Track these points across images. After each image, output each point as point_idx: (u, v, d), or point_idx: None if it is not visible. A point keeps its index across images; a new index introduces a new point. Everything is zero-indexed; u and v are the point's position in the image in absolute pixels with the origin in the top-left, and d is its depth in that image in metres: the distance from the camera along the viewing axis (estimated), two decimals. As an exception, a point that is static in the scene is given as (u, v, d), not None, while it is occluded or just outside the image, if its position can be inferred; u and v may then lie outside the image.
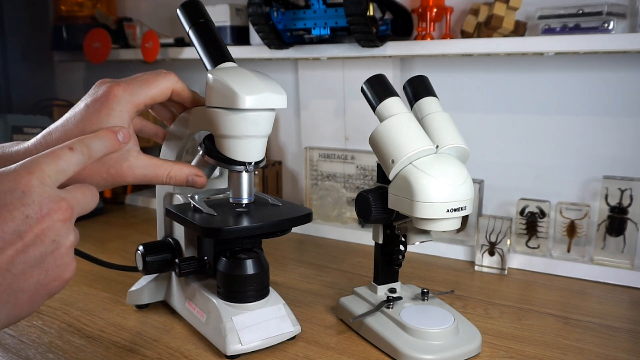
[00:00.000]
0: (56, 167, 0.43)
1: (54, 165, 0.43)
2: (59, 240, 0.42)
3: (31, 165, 0.42)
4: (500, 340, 0.69)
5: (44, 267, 0.41)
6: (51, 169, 0.43)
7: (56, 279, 0.42)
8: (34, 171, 0.41)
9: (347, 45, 1.02)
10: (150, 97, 0.58)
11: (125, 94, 0.55)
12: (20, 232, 0.40)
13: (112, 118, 0.54)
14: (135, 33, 1.33)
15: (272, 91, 0.58)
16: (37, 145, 0.55)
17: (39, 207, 0.41)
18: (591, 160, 0.96)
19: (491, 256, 0.92)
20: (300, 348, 0.66)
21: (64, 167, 0.44)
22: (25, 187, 0.40)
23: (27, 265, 0.40)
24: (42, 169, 0.42)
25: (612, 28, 0.84)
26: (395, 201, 0.62)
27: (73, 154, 0.45)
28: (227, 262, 0.65)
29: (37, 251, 0.40)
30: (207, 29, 0.65)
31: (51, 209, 0.41)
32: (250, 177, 0.64)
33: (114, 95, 0.55)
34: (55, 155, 0.44)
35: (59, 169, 0.43)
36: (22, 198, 0.40)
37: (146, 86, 0.57)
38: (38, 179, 0.41)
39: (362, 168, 1.09)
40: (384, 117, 0.63)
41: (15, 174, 0.41)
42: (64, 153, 0.44)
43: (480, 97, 1.04)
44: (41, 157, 0.43)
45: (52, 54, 1.55)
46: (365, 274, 0.91)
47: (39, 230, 0.40)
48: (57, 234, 0.42)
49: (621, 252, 0.88)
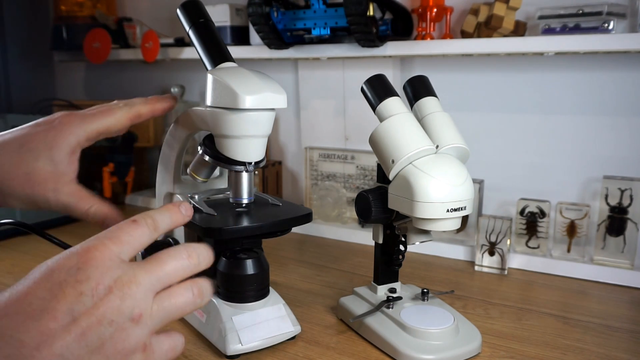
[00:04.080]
0: (119, 241, 0.40)
1: (116, 239, 0.40)
2: (121, 321, 0.37)
3: (93, 241, 0.39)
4: (500, 340, 0.69)
5: (102, 354, 0.36)
6: (114, 242, 0.40)
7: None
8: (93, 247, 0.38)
9: (347, 45, 1.02)
10: (105, 126, 0.57)
11: (77, 120, 0.55)
12: (74, 312, 0.35)
13: (58, 140, 0.54)
14: (135, 33, 1.33)
15: (272, 91, 0.58)
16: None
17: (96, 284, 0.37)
18: (591, 160, 0.96)
19: (491, 256, 0.92)
20: (300, 348, 0.66)
21: (127, 240, 0.40)
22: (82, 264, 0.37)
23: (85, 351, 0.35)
24: (105, 243, 0.39)
25: (612, 28, 0.84)
26: (395, 201, 0.62)
27: (137, 227, 0.42)
28: (227, 262, 0.65)
29: (94, 335, 0.36)
30: (207, 29, 0.65)
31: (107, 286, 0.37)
32: (250, 177, 0.64)
33: (66, 121, 0.55)
34: (119, 229, 0.41)
35: (123, 242, 0.40)
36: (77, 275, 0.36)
37: (101, 116, 0.57)
38: (99, 254, 0.38)
39: (362, 168, 1.09)
40: (384, 117, 0.63)
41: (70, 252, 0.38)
42: (128, 226, 0.42)
43: (480, 97, 1.04)
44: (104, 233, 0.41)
45: (52, 54, 1.55)
46: (365, 274, 0.91)
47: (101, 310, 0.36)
48: (116, 314, 0.37)
49: (621, 252, 0.88)
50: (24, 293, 0.35)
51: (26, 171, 0.53)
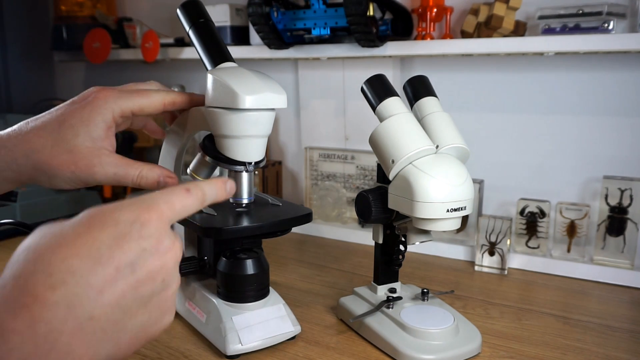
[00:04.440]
0: (172, 207, 0.41)
1: (170, 205, 0.41)
2: (169, 281, 0.39)
3: (151, 200, 0.40)
4: (500, 340, 0.69)
5: (147, 309, 0.38)
6: (169, 207, 0.41)
7: (156, 323, 0.40)
8: (153, 207, 0.40)
9: (347, 45, 1.02)
10: (139, 106, 0.57)
11: (114, 96, 0.56)
12: (135, 265, 0.37)
13: (94, 115, 0.54)
14: (135, 33, 1.33)
15: (272, 91, 0.58)
16: (11, 133, 0.54)
17: (157, 242, 0.38)
18: (591, 160, 0.96)
19: (491, 256, 0.92)
20: (300, 348, 0.66)
21: (179, 209, 0.42)
22: (145, 220, 0.38)
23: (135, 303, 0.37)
24: (161, 206, 0.40)
25: (612, 28, 0.84)
26: (395, 201, 0.62)
27: (189, 196, 0.43)
28: (227, 262, 0.65)
29: (146, 289, 0.38)
30: (207, 29, 0.65)
31: (167, 247, 0.39)
32: (250, 177, 0.64)
33: (102, 96, 0.55)
34: (173, 194, 0.42)
35: (175, 209, 0.42)
36: (140, 230, 0.38)
37: (137, 95, 0.57)
38: (157, 214, 0.39)
39: (362, 168, 1.09)
40: (384, 117, 0.63)
41: (134, 206, 0.39)
42: (182, 194, 0.43)
43: (480, 97, 1.04)
44: (159, 194, 0.41)
45: (52, 54, 1.55)
46: (365, 274, 0.91)
47: (152, 267, 0.38)
48: (168, 274, 0.39)
49: (621, 252, 0.88)
50: (92, 237, 0.36)
51: (68, 149, 0.54)
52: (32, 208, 1.08)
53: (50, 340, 0.31)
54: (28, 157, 0.54)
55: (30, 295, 0.32)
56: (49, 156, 0.53)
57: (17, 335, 0.30)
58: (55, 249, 0.35)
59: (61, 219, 0.39)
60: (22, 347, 0.30)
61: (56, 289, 0.33)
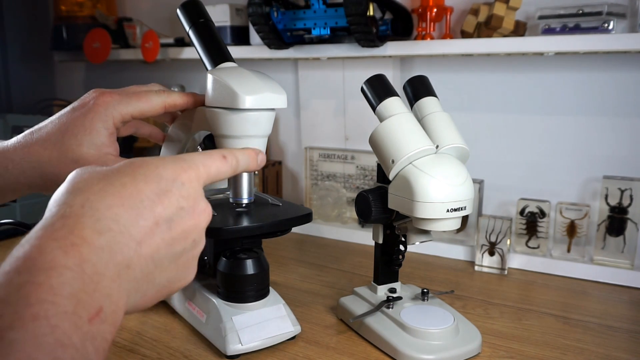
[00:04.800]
0: (209, 171, 0.43)
1: (207, 168, 0.42)
2: (198, 241, 0.41)
3: (191, 161, 0.41)
4: (500, 340, 0.69)
5: (176, 265, 0.40)
6: (205, 170, 0.42)
7: (180, 279, 0.41)
8: (193, 168, 0.41)
9: (347, 45, 1.02)
10: (139, 110, 0.58)
11: (114, 102, 0.56)
12: (172, 222, 0.38)
13: (95, 123, 0.54)
14: (135, 33, 1.33)
15: (272, 91, 0.58)
16: (17, 145, 0.55)
17: (194, 202, 0.40)
18: (591, 160, 0.96)
19: (491, 256, 0.92)
20: (300, 348, 0.66)
21: (214, 173, 0.43)
22: (186, 180, 0.40)
23: (167, 258, 0.39)
24: (199, 168, 0.42)
25: (612, 28, 0.84)
26: (395, 201, 0.62)
27: (224, 163, 0.45)
28: (227, 262, 0.65)
29: (179, 246, 0.39)
30: (207, 29, 0.65)
31: (202, 208, 0.41)
32: (250, 177, 0.64)
33: (102, 102, 0.55)
34: (211, 158, 0.43)
35: (210, 173, 0.43)
36: (180, 189, 0.39)
37: (137, 99, 0.57)
38: (196, 175, 0.41)
39: (362, 168, 1.09)
40: (384, 117, 0.63)
41: (176, 165, 0.40)
42: (219, 159, 0.44)
43: (480, 97, 1.04)
44: (198, 156, 0.43)
45: (52, 54, 1.55)
46: (365, 274, 0.91)
47: (187, 226, 0.39)
48: (199, 234, 0.41)
49: (621, 252, 0.88)
50: (137, 189, 0.37)
51: (74, 159, 0.54)
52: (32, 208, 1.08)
53: (95, 281, 0.32)
54: (35, 169, 0.54)
55: (79, 236, 0.33)
56: (56, 167, 0.54)
57: (69, 271, 0.31)
58: (103, 196, 0.36)
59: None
60: (72, 282, 0.31)
61: (102, 234, 0.34)
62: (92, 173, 0.38)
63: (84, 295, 0.31)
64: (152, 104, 0.58)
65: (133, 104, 0.57)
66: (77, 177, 0.38)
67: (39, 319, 0.28)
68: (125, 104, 0.56)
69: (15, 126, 1.31)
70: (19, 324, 0.28)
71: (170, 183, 0.39)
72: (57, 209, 0.35)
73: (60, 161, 0.54)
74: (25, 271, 0.30)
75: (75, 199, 0.35)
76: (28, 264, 0.30)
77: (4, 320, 0.28)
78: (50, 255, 0.31)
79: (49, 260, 0.31)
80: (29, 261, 0.31)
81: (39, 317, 0.28)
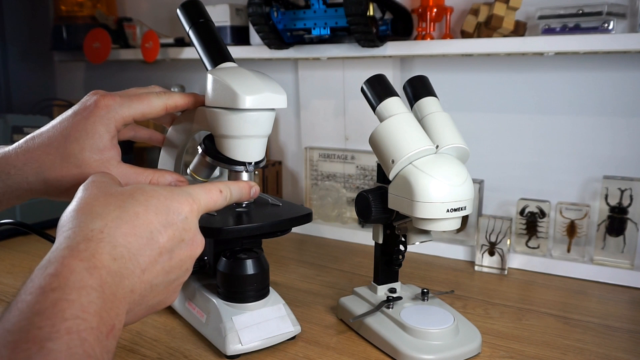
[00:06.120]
0: (207, 205, 0.47)
1: (206, 202, 0.47)
2: (189, 269, 0.45)
3: (195, 195, 0.45)
4: (500, 340, 0.69)
5: (167, 290, 0.43)
6: (205, 205, 0.46)
7: (166, 302, 0.45)
8: (196, 202, 0.45)
9: (347, 45, 1.02)
10: (140, 112, 0.57)
11: (115, 104, 0.55)
12: (173, 252, 0.42)
13: (97, 127, 0.54)
14: (135, 33, 1.33)
15: (272, 91, 0.58)
16: (18, 150, 0.55)
17: (193, 235, 0.44)
18: (591, 160, 0.96)
19: (491, 256, 0.92)
20: (300, 348, 0.66)
21: (211, 207, 0.48)
22: (189, 213, 0.44)
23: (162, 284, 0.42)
24: (200, 203, 0.45)
25: (612, 28, 0.84)
26: (395, 201, 0.62)
27: (220, 197, 0.49)
28: (227, 262, 0.65)
29: (174, 274, 0.43)
30: (207, 29, 0.65)
31: (199, 241, 0.45)
32: (250, 177, 0.64)
33: (104, 105, 0.55)
34: (210, 193, 0.47)
35: (208, 207, 0.47)
36: (184, 222, 0.43)
37: (137, 101, 0.57)
38: (197, 209, 0.45)
39: (362, 168, 1.09)
40: (384, 117, 0.63)
41: (182, 198, 0.44)
42: (216, 194, 0.48)
43: (480, 97, 1.04)
44: (200, 191, 0.46)
45: (52, 54, 1.55)
46: (365, 274, 0.91)
47: (184, 256, 0.43)
48: (191, 263, 0.45)
49: (621, 252, 0.88)
50: (148, 220, 0.41)
51: (76, 164, 0.54)
52: (32, 208, 1.08)
53: (111, 301, 0.36)
54: (38, 175, 0.54)
55: (99, 260, 0.37)
56: (59, 173, 0.54)
57: (94, 291, 0.35)
58: (119, 224, 0.39)
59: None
60: (97, 301, 0.35)
61: (116, 260, 0.38)
62: (107, 197, 0.42)
63: (104, 313, 0.35)
64: (154, 106, 0.58)
65: (134, 106, 0.57)
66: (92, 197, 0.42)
67: (72, 332, 0.32)
68: (126, 106, 0.56)
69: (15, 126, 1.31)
70: (56, 336, 0.31)
71: (175, 216, 0.43)
72: (78, 230, 0.38)
73: (62, 166, 0.54)
74: (58, 288, 0.34)
75: (95, 223, 0.39)
76: (61, 282, 0.34)
77: (42, 332, 0.31)
78: (80, 275, 0.35)
79: (78, 280, 0.35)
80: (62, 279, 0.34)
81: (72, 331, 0.32)
